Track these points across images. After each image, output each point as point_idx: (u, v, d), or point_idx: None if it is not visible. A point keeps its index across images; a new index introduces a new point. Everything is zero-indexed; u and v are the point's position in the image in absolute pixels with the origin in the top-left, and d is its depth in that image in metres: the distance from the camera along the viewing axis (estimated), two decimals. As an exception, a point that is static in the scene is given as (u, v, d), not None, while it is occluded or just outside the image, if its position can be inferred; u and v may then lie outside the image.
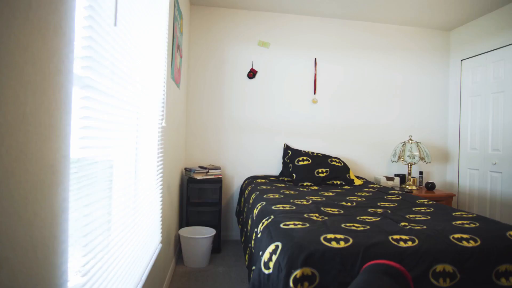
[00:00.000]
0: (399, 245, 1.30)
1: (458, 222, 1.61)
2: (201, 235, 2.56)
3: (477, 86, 3.32)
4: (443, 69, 3.67)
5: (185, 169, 2.94)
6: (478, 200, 3.25)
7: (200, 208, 2.81)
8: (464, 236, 1.41)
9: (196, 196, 2.96)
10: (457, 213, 1.79)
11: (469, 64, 3.43)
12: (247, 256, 1.88)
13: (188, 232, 2.63)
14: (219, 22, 3.24)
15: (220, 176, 2.90)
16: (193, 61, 3.20)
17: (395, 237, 1.36)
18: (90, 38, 0.72)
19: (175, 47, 2.31)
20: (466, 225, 1.55)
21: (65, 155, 0.68)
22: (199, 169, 2.85)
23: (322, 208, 1.84)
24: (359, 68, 3.47)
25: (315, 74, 3.37)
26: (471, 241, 1.37)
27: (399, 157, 3.24)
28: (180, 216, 2.91)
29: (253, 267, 1.45)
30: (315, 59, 3.38)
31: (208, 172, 2.86)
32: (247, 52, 3.28)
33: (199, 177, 2.78)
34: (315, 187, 2.71)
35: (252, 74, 3.27)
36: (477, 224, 1.57)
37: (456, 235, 1.41)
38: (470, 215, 1.75)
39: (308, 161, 2.93)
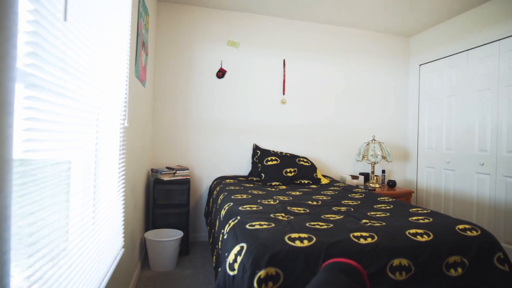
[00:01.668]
0: (360, 242, 1.35)
1: (414, 218, 1.71)
2: (167, 237, 2.49)
3: (433, 90, 3.55)
4: (404, 73, 3.89)
5: (152, 170, 2.85)
6: (434, 196, 3.48)
7: (167, 210, 2.73)
8: (419, 231, 1.50)
9: (163, 198, 2.88)
10: (413, 210, 1.90)
11: (426, 69, 3.66)
12: (214, 257, 1.87)
13: (154, 235, 2.55)
14: (188, 20, 3.18)
15: (188, 177, 2.85)
16: (160, 59, 3.11)
17: (356, 234, 1.41)
18: (36, 34, 0.67)
19: (140, 44, 2.23)
20: (421, 221, 1.65)
21: (6, 159, 0.63)
22: (166, 170, 2.78)
23: (288, 208, 1.87)
24: (326, 70, 3.57)
25: (284, 75, 3.42)
26: (424, 236, 1.46)
27: (363, 157, 3.38)
28: (146, 218, 2.82)
29: (219, 269, 1.44)
30: (284, 60, 3.42)
31: (175, 173, 2.80)
32: (216, 52, 3.25)
33: (166, 178, 2.71)
34: (283, 187, 2.75)
35: (221, 73, 3.24)
36: (431, 220, 1.67)
37: (412, 231, 1.50)
38: (425, 211, 1.86)
39: (277, 161, 2.97)
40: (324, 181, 3.02)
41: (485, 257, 1.47)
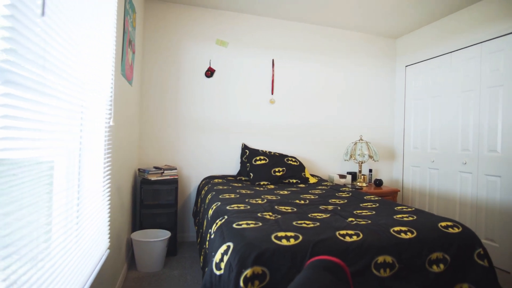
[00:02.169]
0: (345, 240, 1.37)
1: (398, 216, 1.74)
2: (155, 238, 2.47)
3: (418, 90, 3.63)
4: (390, 74, 3.96)
5: (139, 170, 2.81)
6: (419, 194, 3.55)
7: (154, 210, 2.70)
8: (403, 228, 1.53)
9: (150, 198, 2.85)
10: (398, 208, 1.94)
11: (412, 70, 3.73)
12: (202, 257, 1.86)
13: (141, 235, 2.52)
14: (176, 18, 3.15)
15: (176, 177, 2.82)
16: (148, 58, 3.08)
17: (342, 232, 1.43)
18: (13, 29, 0.66)
19: (126, 42, 2.20)
20: (405, 219, 1.69)
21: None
22: (153, 169, 2.74)
23: (276, 207, 1.87)
24: (315, 70, 3.60)
25: (273, 75, 3.43)
26: (408, 233, 1.49)
27: (350, 156, 3.42)
28: (133, 219, 2.78)
29: (206, 269, 1.43)
30: (273, 60, 3.43)
31: (163, 172, 2.77)
32: (204, 51, 3.23)
33: (153, 178, 2.68)
34: (272, 186, 2.76)
35: (209, 73, 3.23)
36: (415, 217, 1.71)
37: (396, 228, 1.52)
38: (410, 209, 1.90)
39: (265, 160, 2.98)
40: (312, 180, 3.05)
41: (466, 253, 1.51)
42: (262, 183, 2.83)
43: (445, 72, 3.27)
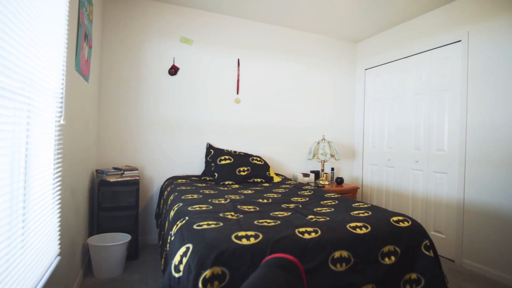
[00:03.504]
0: (304, 237, 1.41)
1: (355, 212, 1.83)
2: (113, 242, 2.36)
3: (377, 93, 3.83)
4: (351, 77, 4.13)
5: (97, 171, 2.67)
6: (377, 191, 3.76)
7: (114, 212, 2.58)
8: (358, 224, 1.60)
9: (109, 200, 2.71)
10: (355, 204, 2.03)
11: (371, 73, 3.93)
12: (163, 260, 1.81)
13: (98, 240, 2.40)
14: (138, 13, 3.03)
15: (138, 178, 2.72)
16: (107, 54, 2.93)
17: (301, 229, 1.47)
18: None
19: (82, 36, 2.08)
20: (361, 215, 1.77)
21: None
22: (113, 170, 2.62)
23: (238, 207, 1.88)
24: (280, 71, 3.66)
25: (238, 75, 3.43)
26: (363, 228, 1.57)
27: (314, 155, 3.52)
28: (90, 223, 2.63)
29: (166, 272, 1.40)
30: (238, 59, 3.43)
31: (123, 173, 2.66)
32: (168, 48, 3.14)
33: (112, 179, 2.56)
34: (236, 186, 2.76)
35: (173, 70, 3.15)
36: (370, 213, 1.80)
37: (352, 224, 1.60)
38: (366, 206, 2.00)
39: (230, 160, 2.97)
40: (277, 179, 3.09)
41: (414, 245, 1.62)
42: (226, 182, 2.82)
43: (400, 76, 3.48)
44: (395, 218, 1.72)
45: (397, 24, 3.48)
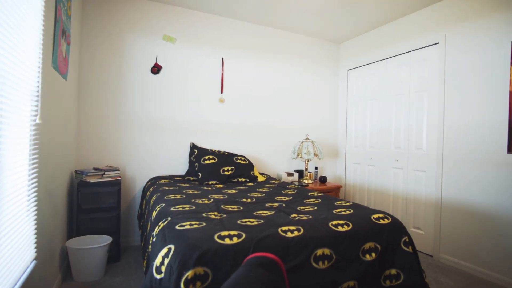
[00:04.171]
0: (287, 235, 1.42)
1: (337, 210, 1.86)
2: (93, 244, 2.30)
3: (358, 93, 3.90)
4: (335, 77, 4.20)
5: (76, 171, 2.59)
6: (359, 189, 3.83)
7: (94, 214, 2.51)
8: (340, 222, 1.63)
9: (89, 202, 2.63)
10: (338, 203, 2.06)
11: (353, 74, 4.00)
12: (145, 262, 1.78)
13: (77, 242, 2.33)
14: (119, 10, 2.96)
15: (119, 178, 2.66)
16: (87, 51, 2.84)
17: (284, 228, 1.48)
18: None
19: (59, 32, 2.01)
20: (343, 212, 1.80)
21: None
22: (93, 171, 2.55)
23: (222, 206, 1.87)
24: (264, 71, 3.67)
25: (222, 74, 3.42)
26: (345, 226, 1.60)
27: (297, 154, 3.56)
28: (69, 225, 2.55)
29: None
30: (223, 58, 3.42)
31: (104, 174, 2.59)
32: (151, 46, 3.09)
33: (92, 180, 2.50)
34: (220, 185, 2.75)
35: (156, 69, 3.10)
36: (351, 211, 1.83)
37: (334, 222, 1.62)
38: (348, 204, 2.03)
39: (214, 159, 2.95)
40: (261, 178, 3.10)
41: (394, 241, 1.67)
42: (210, 182, 2.80)
43: (381, 77, 3.57)
44: (375, 216, 1.75)
45: (378, 26, 3.56)
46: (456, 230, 2.70)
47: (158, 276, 1.20)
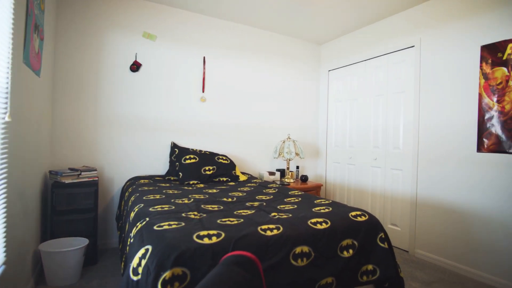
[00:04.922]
0: (266, 234, 1.43)
1: (316, 208, 1.88)
2: (69, 247, 2.22)
3: (339, 94, 3.98)
4: (316, 78, 4.26)
5: (50, 172, 2.49)
6: (339, 188, 3.91)
7: (70, 216, 2.43)
8: (319, 220, 1.66)
9: (64, 203, 2.54)
10: (317, 201, 2.09)
11: (334, 75, 4.07)
12: (122, 264, 1.75)
13: (51, 245, 2.24)
14: (97, 4, 2.87)
15: (96, 179, 2.59)
16: (62, 47, 2.74)
17: (263, 227, 1.49)
18: None
19: (31, 27, 1.93)
20: (322, 210, 1.84)
21: None
22: (68, 171, 2.47)
23: (202, 206, 1.86)
24: (246, 70, 3.67)
25: (204, 73, 3.39)
26: (323, 224, 1.63)
27: (279, 154, 3.58)
28: (43, 228, 2.46)
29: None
30: (204, 57, 3.39)
31: (80, 174, 2.51)
32: (130, 43, 3.02)
33: (67, 180, 2.41)
34: (201, 185, 2.72)
35: (135, 67, 3.03)
36: (330, 209, 1.87)
37: (313, 220, 1.65)
38: (327, 202, 2.07)
39: (195, 159, 2.93)
40: (243, 178, 3.10)
41: (371, 237, 1.71)
42: (191, 182, 2.78)
43: (360, 78, 3.65)
44: (353, 213, 1.80)
45: (358, 28, 3.64)
46: (430, 226, 2.81)
47: (135, 278, 1.18)
